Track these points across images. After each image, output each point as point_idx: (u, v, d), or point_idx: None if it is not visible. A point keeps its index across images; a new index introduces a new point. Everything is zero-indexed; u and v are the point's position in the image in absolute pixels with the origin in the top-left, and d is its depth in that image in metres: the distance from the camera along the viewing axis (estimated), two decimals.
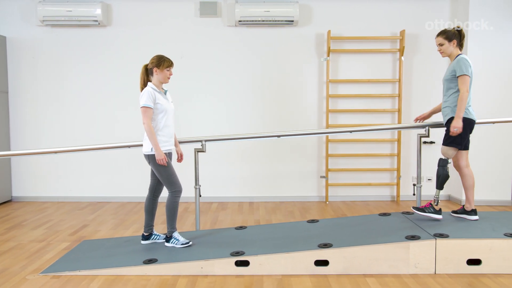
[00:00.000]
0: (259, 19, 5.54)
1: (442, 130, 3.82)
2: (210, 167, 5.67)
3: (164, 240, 3.70)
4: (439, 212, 3.74)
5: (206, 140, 4.10)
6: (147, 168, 5.77)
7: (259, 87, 5.79)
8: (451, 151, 3.69)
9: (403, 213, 4.07)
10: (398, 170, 5.75)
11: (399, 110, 5.69)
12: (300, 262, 3.26)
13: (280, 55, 5.76)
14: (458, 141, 3.63)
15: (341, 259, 3.26)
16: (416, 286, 3.02)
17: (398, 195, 5.77)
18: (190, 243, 3.61)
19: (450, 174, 5.71)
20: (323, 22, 5.73)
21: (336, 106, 5.79)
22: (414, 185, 4.24)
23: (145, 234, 3.78)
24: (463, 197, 5.45)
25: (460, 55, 3.67)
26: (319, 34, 5.75)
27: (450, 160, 3.75)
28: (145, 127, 3.47)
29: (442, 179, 3.75)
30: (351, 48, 5.73)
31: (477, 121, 3.78)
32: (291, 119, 5.78)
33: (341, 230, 3.70)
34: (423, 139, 5.73)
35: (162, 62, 3.57)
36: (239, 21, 5.55)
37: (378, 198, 5.87)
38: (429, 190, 5.33)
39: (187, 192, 5.77)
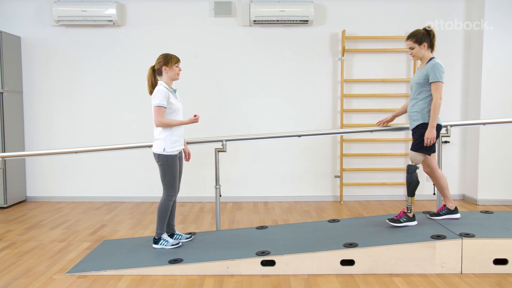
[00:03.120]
0: (274, 19, 5.54)
1: (456, 129, 3.81)
2: (224, 167, 5.65)
3: (152, 241, 3.68)
4: (413, 219, 3.67)
5: (226, 140, 4.09)
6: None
7: (273, 87, 5.80)
8: (419, 156, 3.62)
9: (423, 212, 4.07)
10: None
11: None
12: (326, 261, 3.27)
13: (295, 55, 5.76)
14: (426, 147, 3.58)
15: (367, 258, 3.26)
16: (444, 286, 3.02)
17: None
18: (180, 244, 3.63)
19: (464, 173, 5.78)
20: (337, 22, 5.73)
21: (350, 106, 5.79)
22: (434, 184, 4.21)
23: (167, 234, 3.78)
24: (478, 196, 5.50)
25: (434, 59, 3.58)
26: (333, 34, 5.75)
27: (418, 166, 3.68)
28: (160, 124, 3.47)
29: (413, 186, 3.66)
30: (365, 47, 5.73)
31: (488, 121, 3.75)
32: (305, 119, 5.78)
33: (364, 230, 3.70)
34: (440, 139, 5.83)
35: (169, 60, 3.57)
36: (254, 21, 5.55)
37: (393, 197, 5.87)
38: None
39: (202, 192, 5.85)
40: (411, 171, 3.66)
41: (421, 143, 3.57)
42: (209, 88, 5.78)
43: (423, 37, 3.60)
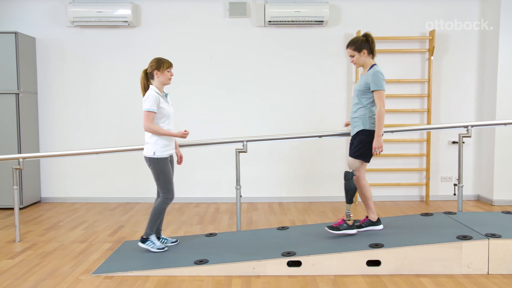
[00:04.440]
0: (289, 19, 5.54)
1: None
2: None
3: (140, 240, 3.69)
4: (352, 227, 3.65)
5: (247, 141, 4.09)
6: (175, 169, 5.79)
7: (288, 87, 5.80)
8: (357, 163, 3.61)
9: (445, 213, 4.07)
10: (427, 170, 5.74)
11: (428, 110, 5.69)
12: (352, 262, 3.27)
13: (309, 56, 5.76)
14: (366, 153, 3.56)
15: (393, 259, 3.26)
16: (472, 287, 3.02)
17: (427, 195, 5.76)
18: (166, 248, 3.63)
19: (478, 173, 5.78)
20: (351, 23, 5.73)
21: None
22: (455, 185, 4.23)
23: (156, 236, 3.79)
24: (494, 197, 5.50)
25: (375, 66, 3.56)
26: (348, 35, 5.75)
27: (355, 173, 3.65)
28: (149, 130, 3.48)
29: (351, 193, 3.64)
30: (380, 48, 5.69)
31: (510, 121, 3.74)
32: (319, 119, 5.78)
33: (388, 230, 3.70)
34: (452, 139, 5.84)
35: (161, 64, 3.58)
36: (269, 21, 5.55)
37: (407, 198, 5.87)
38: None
39: (217, 192, 5.85)
40: (348, 178, 3.63)
41: (361, 149, 3.56)
42: (223, 88, 5.78)
43: (362, 44, 3.58)
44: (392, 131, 4.25)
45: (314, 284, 3.11)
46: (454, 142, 5.76)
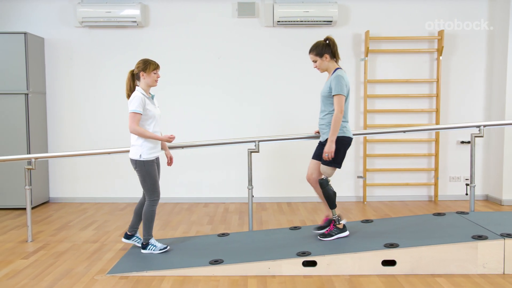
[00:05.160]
0: (298, 19, 5.54)
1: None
2: (246, 168, 5.65)
3: (141, 247, 3.70)
4: (344, 229, 3.62)
5: (259, 141, 4.09)
6: (181, 169, 5.81)
7: (296, 87, 5.79)
8: (330, 170, 3.58)
9: (457, 213, 4.07)
10: (436, 170, 5.74)
11: (437, 110, 5.69)
12: (367, 262, 3.26)
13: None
14: (338, 160, 3.52)
15: (408, 259, 3.26)
16: (489, 287, 3.02)
17: (436, 195, 5.76)
18: (168, 247, 3.65)
19: (487, 173, 5.78)
20: (360, 23, 5.73)
21: (373, 106, 5.79)
22: (467, 185, 4.22)
23: (129, 233, 3.83)
24: (503, 197, 5.51)
25: (337, 71, 3.51)
26: (356, 35, 5.75)
27: (329, 179, 3.63)
28: (134, 132, 3.47)
29: (332, 198, 3.60)
30: (389, 48, 5.73)
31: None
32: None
33: (402, 230, 3.70)
34: (460, 139, 5.84)
35: (148, 66, 3.57)
36: (278, 21, 5.55)
37: (415, 198, 5.86)
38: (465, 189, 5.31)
39: (225, 192, 5.85)
40: (324, 185, 3.60)
41: (333, 157, 3.51)
42: (231, 89, 5.78)
43: (323, 49, 3.51)
44: (404, 131, 4.25)
45: (330, 284, 3.11)
46: (462, 142, 5.76)
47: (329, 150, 3.46)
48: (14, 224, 4.77)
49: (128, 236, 3.84)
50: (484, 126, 4.07)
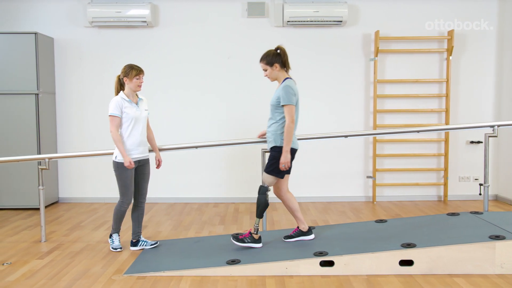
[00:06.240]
0: (308, 19, 5.54)
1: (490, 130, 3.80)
2: (257, 168, 5.66)
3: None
4: (258, 240, 3.59)
5: None
6: (192, 169, 5.81)
7: (305, 88, 5.76)
8: (271, 179, 3.55)
9: (471, 212, 4.07)
10: (446, 170, 5.74)
11: (446, 110, 5.69)
12: (385, 262, 3.26)
13: (327, 56, 5.76)
14: (278, 169, 3.50)
15: (426, 259, 3.26)
16: (508, 287, 3.02)
17: (445, 195, 5.76)
18: (119, 250, 3.82)
19: (496, 173, 5.78)
20: (370, 22, 5.73)
21: (383, 106, 5.79)
22: (480, 185, 4.23)
23: (133, 240, 3.89)
24: None
25: (286, 80, 3.53)
26: (366, 34, 5.75)
27: (270, 188, 3.61)
28: (112, 135, 3.60)
29: (262, 207, 3.57)
30: (398, 48, 5.73)
31: None
32: (337, 119, 5.78)
33: (417, 230, 3.69)
34: (470, 139, 5.84)
35: (129, 72, 3.65)
36: (288, 21, 5.55)
37: (425, 198, 5.86)
38: (476, 189, 5.34)
39: (235, 192, 5.85)
40: (261, 192, 3.56)
41: (273, 165, 3.51)
42: (242, 89, 5.78)
43: (273, 58, 3.54)
44: (418, 131, 4.26)
45: (348, 284, 3.11)
46: (472, 142, 5.77)
47: (285, 160, 3.47)
48: (26, 224, 4.77)
49: (134, 244, 3.88)
50: (499, 126, 4.06)
